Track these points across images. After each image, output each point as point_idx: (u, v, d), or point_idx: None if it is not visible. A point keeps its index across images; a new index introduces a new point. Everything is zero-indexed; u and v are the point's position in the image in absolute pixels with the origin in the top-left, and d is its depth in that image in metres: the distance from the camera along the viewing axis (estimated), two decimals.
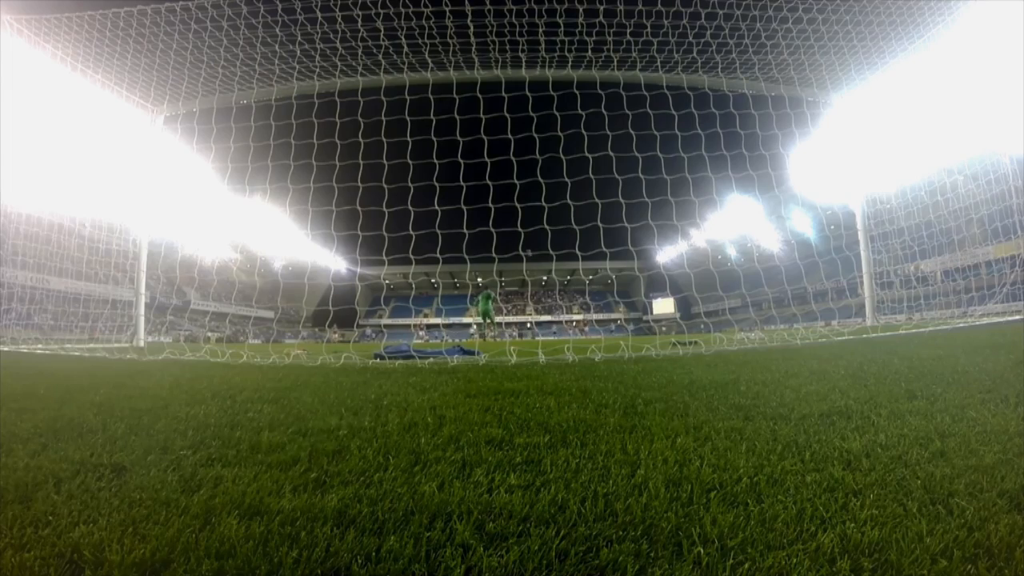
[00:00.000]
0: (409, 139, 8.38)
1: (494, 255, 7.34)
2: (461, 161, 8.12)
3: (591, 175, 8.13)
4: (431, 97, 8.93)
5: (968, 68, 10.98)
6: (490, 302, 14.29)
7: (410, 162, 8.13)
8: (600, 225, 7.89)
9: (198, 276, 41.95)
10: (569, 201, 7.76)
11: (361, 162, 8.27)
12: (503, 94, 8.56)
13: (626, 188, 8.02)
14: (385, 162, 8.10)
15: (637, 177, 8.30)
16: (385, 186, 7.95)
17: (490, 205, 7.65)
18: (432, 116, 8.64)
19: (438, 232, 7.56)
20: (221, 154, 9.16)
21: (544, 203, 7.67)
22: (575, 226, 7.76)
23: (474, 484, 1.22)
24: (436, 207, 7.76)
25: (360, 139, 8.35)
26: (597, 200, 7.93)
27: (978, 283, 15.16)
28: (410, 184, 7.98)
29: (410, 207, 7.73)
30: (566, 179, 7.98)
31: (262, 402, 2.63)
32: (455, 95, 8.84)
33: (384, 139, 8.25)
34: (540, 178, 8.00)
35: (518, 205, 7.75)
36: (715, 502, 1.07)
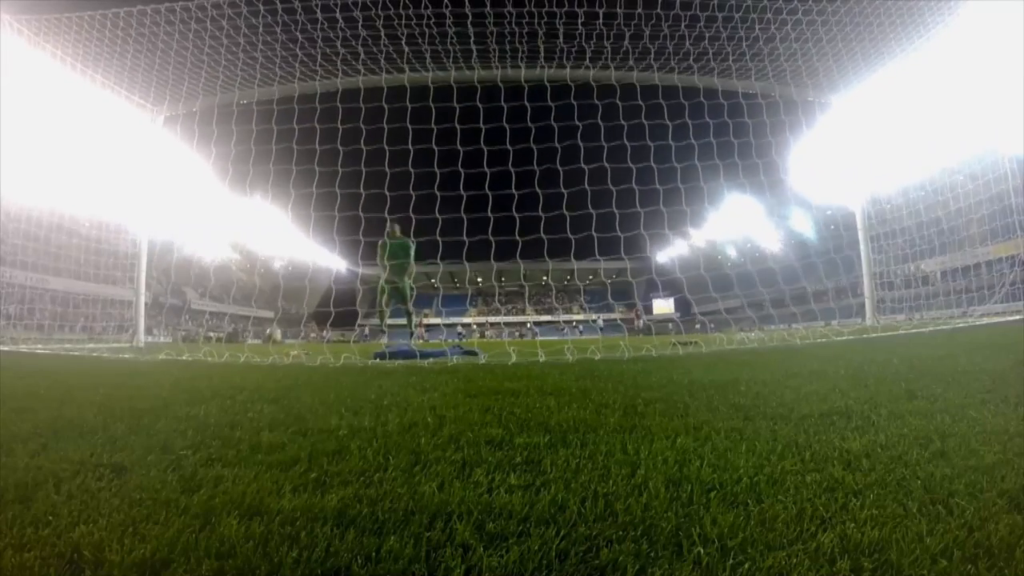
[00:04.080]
0: (409, 125, 8.44)
1: (491, 260, 7.36)
2: (461, 170, 8.18)
3: (588, 178, 8.17)
4: (431, 89, 8.95)
5: (968, 68, 10.98)
6: (408, 266, 7.66)
7: (411, 148, 8.18)
8: (598, 229, 7.91)
9: (197, 276, 41.93)
10: (564, 208, 7.80)
11: (362, 148, 8.30)
12: (500, 85, 8.72)
13: (626, 188, 8.05)
14: (386, 152, 8.14)
15: (637, 178, 8.32)
16: (386, 171, 7.99)
17: (489, 215, 7.68)
18: (432, 106, 8.72)
19: (439, 240, 7.56)
20: (221, 154, 9.17)
21: (542, 208, 7.71)
22: (575, 230, 7.78)
23: (474, 484, 1.22)
24: (436, 216, 7.77)
25: (360, 134, 8.38)
26: (593, 209, 7.97)
27: (978, 283, 15.16)
28: (411, 170, 8.02)
29: (411, 215, 7.74)
30: (562, 187, 8.04)
31: (262, 402, 2.63)
32: (455, 104, 8.88)
33: (385, 126, 8.31)
34: (537, 187, 8.06)
35: (516, 214, 7.78)
36: (715, 502, 1.07)
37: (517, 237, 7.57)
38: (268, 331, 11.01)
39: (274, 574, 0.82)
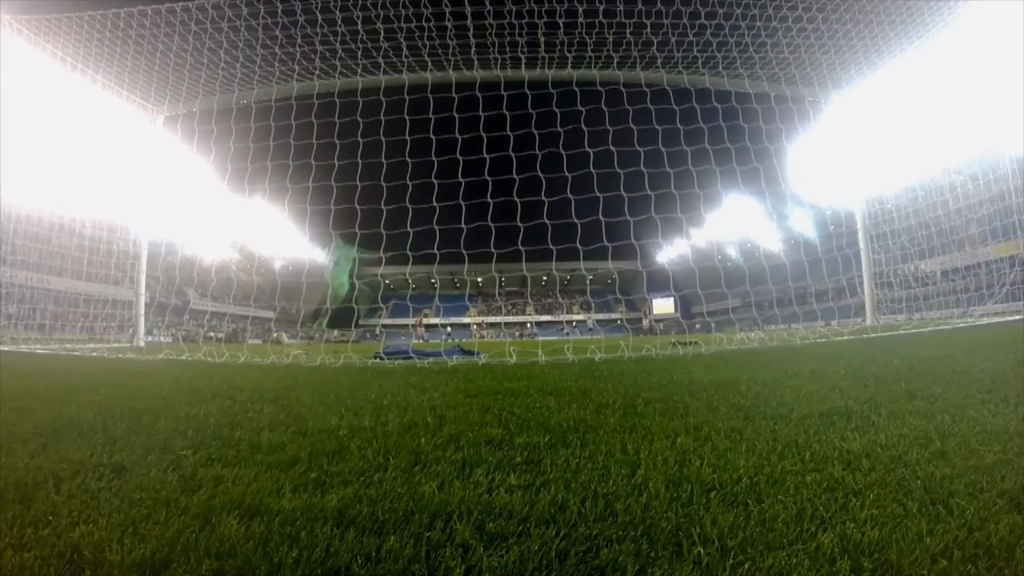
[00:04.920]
0: (408, 138, 8.39)
1: (492, 249, 7.30)
2: (460, 158, 8.14)
3: (592, 169, 8.11)
4: (430, 96, 8.91)
5: (968, 68, 10.98)
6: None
7: (408, 160, 8.15)
8: (602, 220, 7.83)
9: (198, 276, 41.96)
10: (570, 195, 7.74)
11: (360, 161, 8.27)
12: (502, 92, 8.56)
13: (626, 188, 8.02)
14: (384, 161, 8.10)
15: (638, 176, 8.29)
16: (384, 184, 7.95)
17: (488, 200, 7.61)
18: (431, 115, 8.64)
19: (436, 228, 7.52)
20: (221, 154, 9.17)
21: (544, 197, 7.65)
22: (576, 220, 7.73)
23: (474, 484, 1.22)
24: (434, 203, 7.75)
25: (359, 139, 8.35)
26: (598, 194, 7.90)
27: (978, 283, 15.16)
28: (408, 183, 8.00)
29: (408, 204, 7.73)
30: (566, 173, 7.98)
31: (262, 402, 2.63)
32: (454, 93, 8.82)
33: (383, 138, 8.25)
34: (540, 173, 7.99)
35: (517, 199, 7.68)
36: (715, 502, 1.07)
37: (519, 223, 7.39)
38: (274, 334, 11.03)
39: (274, 574, 0.82)
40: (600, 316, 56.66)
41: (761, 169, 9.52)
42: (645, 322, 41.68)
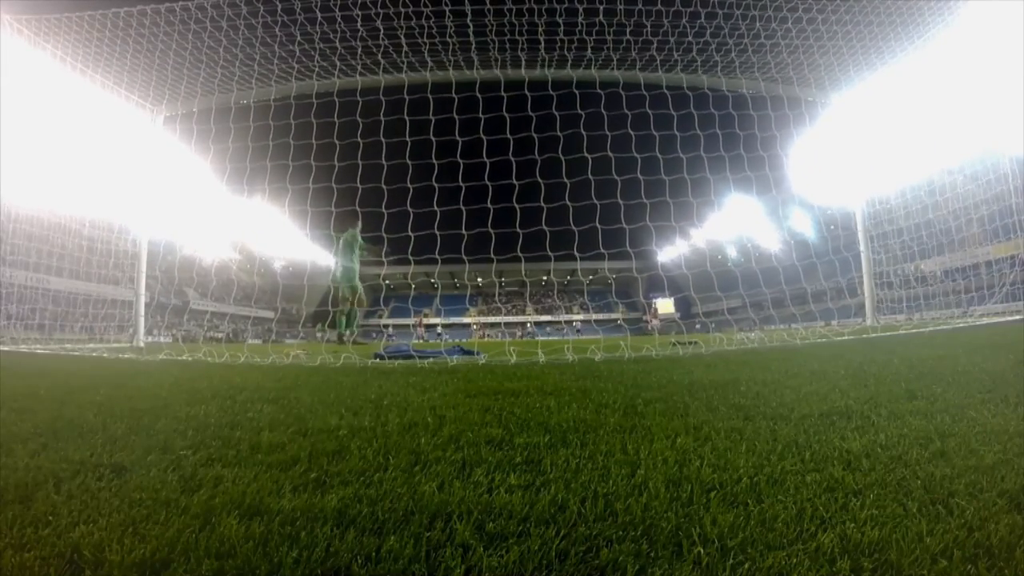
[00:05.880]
0: (408, 139, 8.38)
1: (491, 254, 7.32)
2: (460, 161, 8.12)
3: (590, 175, 8.10)
4: (430, 97, 8.89)
5: (968, 68, 10.98)
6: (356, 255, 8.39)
7: (409, 162, 8.13)
8: (602, 221, 7.84)
9: (197, 276, 41.98)
10: (568, 202, 7.73)
11: (360, 163, 8.26)
12: (502, 93, 8.55)
13: (625, 188, 8.01)
14: (384, 162, 8.09)
15: (636, 177, 8.29)
16: (384, 187, 7.94)
17: (489, 206, 7.63)
18: (431, 116, 8.63)
19: (437, 233, 7.54)
20: (220, 154, 9.15)
21: (543, 203, 7.66)
22: (574, 228, 7.73)
23: (474, 484, 1.22)
24: (435, 208, 7.75)
25: (359, 139, 8.34)
26: (596, 201, 7.90)
27: (978, 283, 15.16)
28: (409, 185, 7.98)
29: (409, 208, 7.72)
30: (565, 180, 7.97)
31: (262, 402, 2.63)
32: (454, 94, 8.82)
33: (383, 140, 8.25)
34: (539, 179, 8.00)
35: (517, 206, 7.72)
36: (715, 502, 1.07)
37: (518, 229, 7.47)
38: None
39: (274, 574, 0.82)
40: (600, 316, 56.68)
41: (762, 170, 9.51)
42: (656, 322, 41.48)
